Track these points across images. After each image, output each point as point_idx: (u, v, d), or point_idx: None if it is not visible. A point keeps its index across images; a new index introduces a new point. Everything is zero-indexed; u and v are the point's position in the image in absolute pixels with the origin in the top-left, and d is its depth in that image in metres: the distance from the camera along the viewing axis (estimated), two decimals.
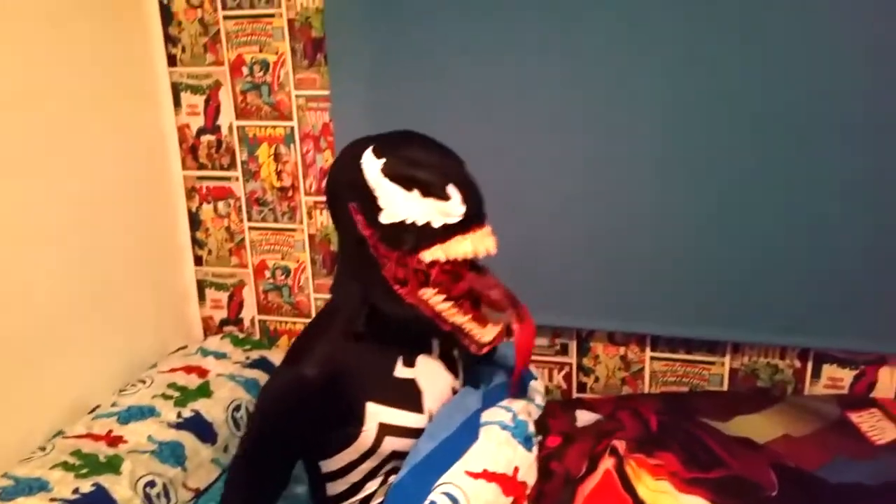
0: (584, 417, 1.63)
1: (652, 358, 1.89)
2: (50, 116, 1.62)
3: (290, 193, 1.99)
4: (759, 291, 1.71)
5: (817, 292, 1.67)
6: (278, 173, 1.97)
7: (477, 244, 1.14)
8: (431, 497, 1.08)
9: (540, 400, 1.55)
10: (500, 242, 1.76)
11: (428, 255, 1.12)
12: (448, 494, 1.09)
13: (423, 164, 1.12)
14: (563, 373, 1.96)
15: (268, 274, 2.08)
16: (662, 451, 1.44)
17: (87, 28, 1.72)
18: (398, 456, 1.21)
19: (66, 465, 1.44)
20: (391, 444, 1.19)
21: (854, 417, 1.60)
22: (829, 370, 1.79)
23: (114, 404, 1.69)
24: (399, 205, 1.10)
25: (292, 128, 1.92)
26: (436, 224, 1.11)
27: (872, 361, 1.75)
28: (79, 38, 1.70)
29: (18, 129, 1.54)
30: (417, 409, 1.22)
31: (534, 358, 1.95)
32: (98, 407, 1.69)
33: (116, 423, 1.61)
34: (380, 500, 1.24)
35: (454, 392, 1.30)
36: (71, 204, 1.69)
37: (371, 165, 1.12)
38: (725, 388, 1.86)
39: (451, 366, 1.31)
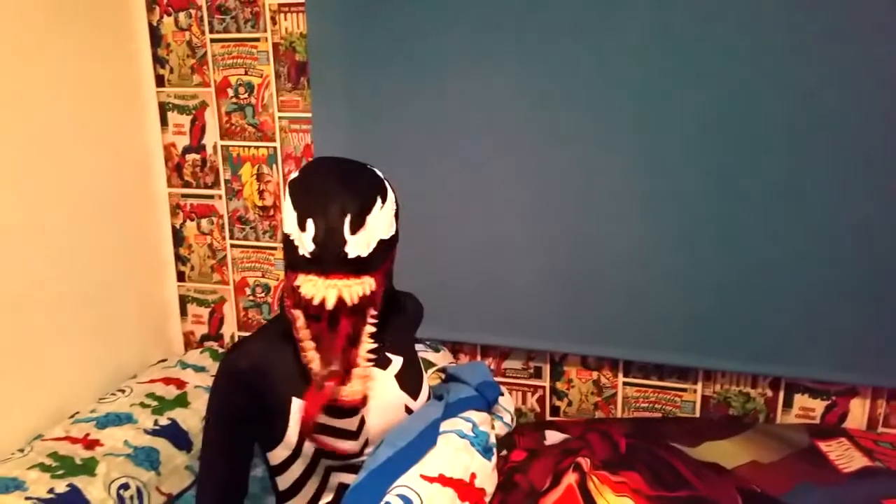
0: (553, 437, 1.64)
1: (625, 383, 1.90)
2: (40, 133, 1.67)
3: (271, 213, 2.02)
4: (732, 319, 1.73)
5: (790, 322, 1.70)
6: (260, 192, 2.01)
7: (317, 290, 1.07)
8: (387, 498, 1.10)
9: (507, 418, 1.56)
10: (476, 263, 1.81)
11: (298, 280, 1.10)
12: (402, 496, 1.10)
13: (308, 191, 1.11)
14: (536, 396, 1.97)
15: (248, 291, 2.10)
16: (628, 470, 1.45)
17: (77, 48, 1.77)
18: (327, 456, 1.22)
19: (42, 466, 1.47)
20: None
21: (823, 446, 1.61)
22: (800, 400, 1.79)
23: (93, 410, 1.71)
24: (287, 218, 1.12)
25: (275, 148, 1.97)
26: (300, 251, 1.09)
27: (844, 392, 1.76)
28: (69, 58, 1.75)
29: (8, 143, 1.58)
30: (345, 414, 1.22)
31: (508, 380, 1.96)
32: (77, 413, 1.72)
33: (94, 427, 1.63)
34: (327, 500, 1.24)
35: (407, 410, 1.30)
36: (58, 217, 1.73)
37: (292, 176, 1.16)
38: (698, 415, 1.87)
39: (410, 385, 1.31)
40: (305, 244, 1.07)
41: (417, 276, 1.42)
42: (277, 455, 1.23)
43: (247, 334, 2.13)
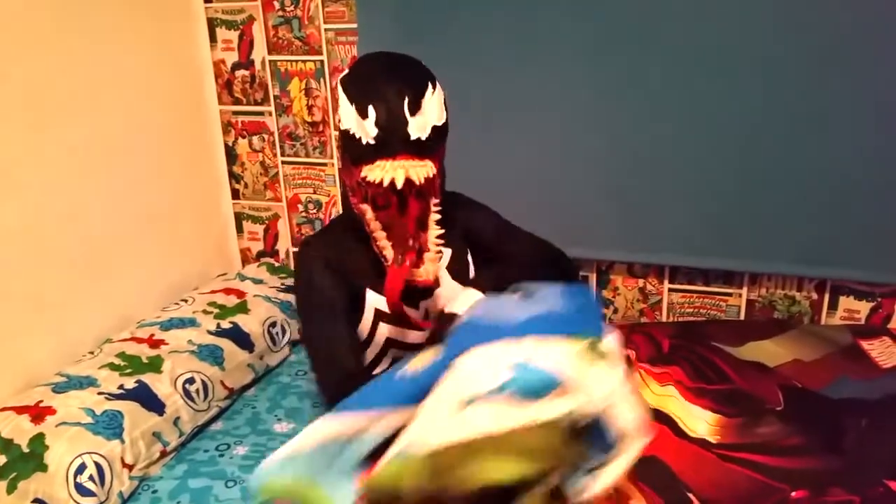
0: None
1: (670, 289, 1.93)
2: (92, 56, 1.72)
3: (320, 128, 2.06)
4: (777, 222, 1.73)
5: (835, 223, 1.69)
6: (309, 108, 2.05)
7: (385, 173, 1.12)
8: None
9: None
10: (521, 175, 1.82)
11: (363, 171, 1.15)
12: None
13: (364, 81, 1.16)
14: None
15: (301, 207, 2.17)
16: (669, 365, 1.50)
17: None
18: (395, 345, 1.29)
19: (112, 366, 1.57)
20: (385, 330, 1.28)
21: (865, 344, 1.63)
22: (845, 302, 1.81)
23: (157, 317, 1.81)
24: (344, 114, 1.16)
25: (322, 62, 1.99)
26: (364, 142, 1.14)
27: (889, 294, 1.76)
28: None
29: (64, 69, 1.64)
30: (411, 304, 1.29)
31: None
32: (143, 320, 1.82)
33: (158, 329, 1.73)
34: None
35: None
36: (117, 138, 1.80)
37: (342, 74, 1.21)
38: (742, 319, 1.89)
39: (460, 277, 1.36)
40: (369, 130, 1.12)
41: (466, 184, 1.46)
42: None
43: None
